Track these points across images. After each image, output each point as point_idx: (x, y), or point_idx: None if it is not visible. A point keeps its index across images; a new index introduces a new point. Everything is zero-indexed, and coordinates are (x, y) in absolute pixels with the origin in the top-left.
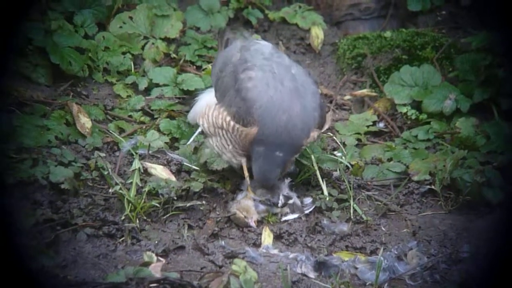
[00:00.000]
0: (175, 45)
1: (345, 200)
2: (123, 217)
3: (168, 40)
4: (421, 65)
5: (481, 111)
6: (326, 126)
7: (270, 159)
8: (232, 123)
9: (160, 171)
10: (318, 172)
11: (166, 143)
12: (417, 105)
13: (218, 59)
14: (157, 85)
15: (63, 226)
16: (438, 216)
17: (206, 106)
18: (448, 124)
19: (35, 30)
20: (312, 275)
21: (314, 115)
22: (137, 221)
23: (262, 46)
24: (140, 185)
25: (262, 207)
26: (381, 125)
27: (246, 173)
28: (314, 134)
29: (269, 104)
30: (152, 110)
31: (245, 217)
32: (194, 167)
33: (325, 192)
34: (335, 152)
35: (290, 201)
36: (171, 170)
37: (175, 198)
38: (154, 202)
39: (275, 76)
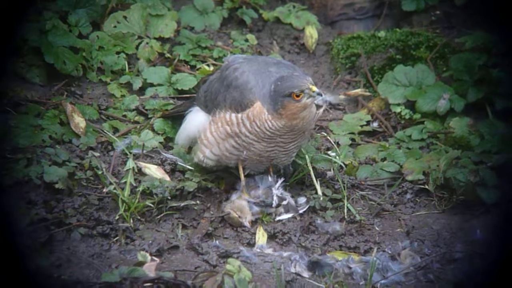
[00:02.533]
0: (169, 45)
1: (339, 199)
2: (117, 217)
3: (162, 40)
4: (415, 64)
5: (475, 110)
6: (321, 109)
7: None
8: (234, 116)
9: (154, 170)
10: (312, 172)
11: (160, 142)
12: (411, 104)
13: (200, 89)
14: (152, 85)
15: (57, 226)
16: (432, 215)
17: (200, 132)
18: (442, 124)
19: (30, 30)
20: (306, 274)
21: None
22: (131, 221)
23: (242, 56)
24: (134, 184)
25: (256, 208)
26: (375, 124)
27: (241, 174)
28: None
29: (260, 80)
30: (146, 109)
31: (239, 216)
32: (188, 166)
33: (319, 192)
34: (329, 152)
35: (284, 202)
36: (165, 170)
37: (169, 197)
38: (148, 202)
39: (260, 63)
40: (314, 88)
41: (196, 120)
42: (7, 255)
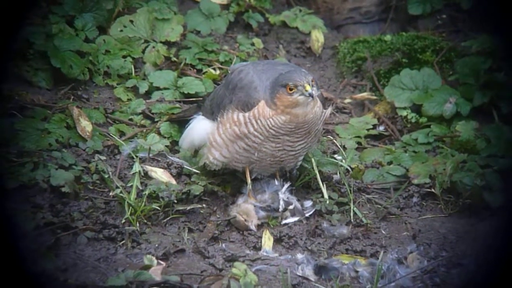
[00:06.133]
0: (175, 49)
1: (345, 203)
2: (123, 220)
3: (168, 44)
4: (421, 68)
5: (481, 114)
6: (328, 111)
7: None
8: (241, 116)
9: (160, 174)
10: (318, 176)
11: (166, 146)
12: (417, 108)
13: (206, 100)
14: (158, 89)
15: (64, 229)
16: (438, 219)
17: (208, 136)
18: (448, 128)
19: (36, 34)
20: (312, 278)
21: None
22: (138, 224)
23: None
24: (141, 188)
25: (262, 213)
26: (381, 128)
27: (248, 178)
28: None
29: (264, 78)
30: (152, 113)
31: (245, 220)
32: (194, 170)
33: (325, 195)
34: (335, 156)
35: (291, 207)
36: (171, 173)
37: (176, 201)
38: (154, 205)
39: (265, 64)
40: (308, 88)
41: (200, 127)
42: (13, 259)
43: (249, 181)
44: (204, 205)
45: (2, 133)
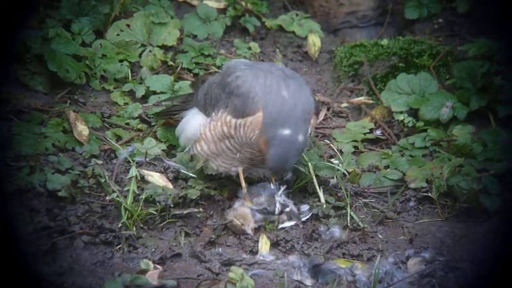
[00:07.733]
0: (172, 53)
1: (342, 207)
2: (120, 225)
3: (165, 48)
4: (418, 72)
5: (478, 118)
6: (321, 117)
7: (285, 143)
8: (234, 121)
9: (157, 178)
10: (315, 180)
11: (163, 150)
12: (414, 112)
13: (199, 90)
14: (154, 93)
15: (60, 234)
16: (435, 223)
17: (200, 127)
18: (445, 132)
19: (33, 37)
20: (309, 282)
21: (310, 96)
22: (134, 229)
23: (243, 61)
24: (137, 192)
25: (259, 216)
26: (378, 132)
27: (242, 182)
28: (313, 121)
29: (264, 88)
30: (149, 117)
31: (242, 224)
32: (191, 174)
33: (322, 200)
34: (332, 160)
35: (287, 209)
36: (168, 178)
37: (172, 205)
38: (151, 210)
39: (262, 69)
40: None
41: (194, 121)
42: (10, 263)
43: (243, 184)
44: (200, 209)
45: None
